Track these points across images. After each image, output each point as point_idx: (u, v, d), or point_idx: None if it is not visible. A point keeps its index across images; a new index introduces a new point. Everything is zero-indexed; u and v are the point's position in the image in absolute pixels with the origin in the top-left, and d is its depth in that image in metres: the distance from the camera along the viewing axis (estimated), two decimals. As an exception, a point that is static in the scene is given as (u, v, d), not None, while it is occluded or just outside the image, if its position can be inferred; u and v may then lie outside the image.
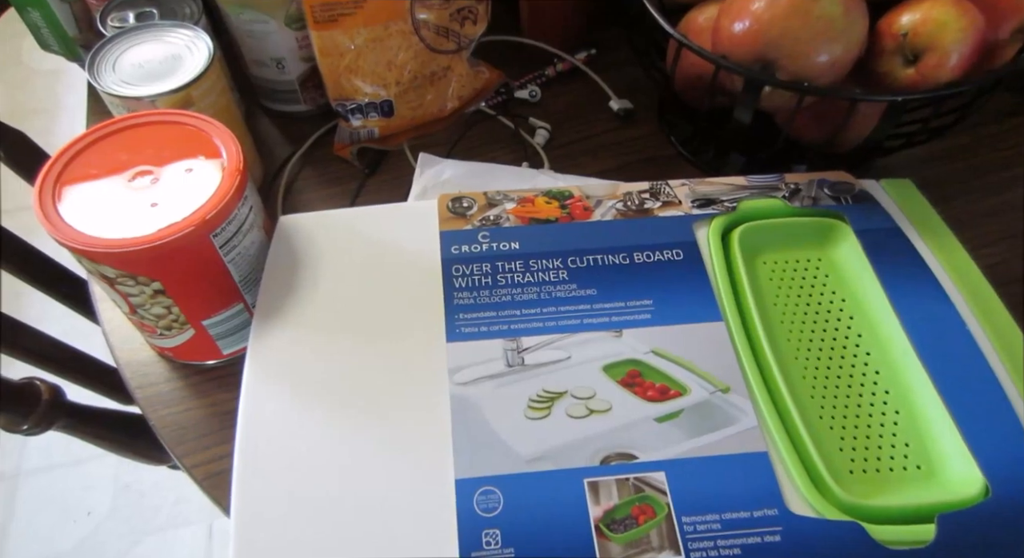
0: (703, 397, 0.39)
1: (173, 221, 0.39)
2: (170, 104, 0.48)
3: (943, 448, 0.37)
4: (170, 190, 0.41)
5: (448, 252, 0.46)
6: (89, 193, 0.40)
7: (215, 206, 0.39)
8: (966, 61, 0.45)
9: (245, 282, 0.45)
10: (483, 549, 0.34)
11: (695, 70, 0.53)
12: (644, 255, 0.45)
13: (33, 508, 1.23)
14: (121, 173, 0.41)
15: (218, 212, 0.40)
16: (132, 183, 0.41)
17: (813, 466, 0.36)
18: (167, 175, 0.41)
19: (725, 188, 0.48)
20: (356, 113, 0.59)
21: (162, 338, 0.46)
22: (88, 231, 0.38)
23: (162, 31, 0.51)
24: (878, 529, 0.34)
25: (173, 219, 0.39)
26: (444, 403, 0.39)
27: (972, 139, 0.62)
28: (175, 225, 0.39)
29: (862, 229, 0.46)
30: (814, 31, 0.45)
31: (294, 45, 0.58)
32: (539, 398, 0.39)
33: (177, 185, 0.41)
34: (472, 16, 0.59)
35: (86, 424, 0.69)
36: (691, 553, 0.33)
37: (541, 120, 0.64)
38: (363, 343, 0.42)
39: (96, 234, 0.38)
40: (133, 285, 0.40)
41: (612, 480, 0.36)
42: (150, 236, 0.38)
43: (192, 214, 0.39)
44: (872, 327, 0.42)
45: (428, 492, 0.36)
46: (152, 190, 0.41)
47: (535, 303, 0.43)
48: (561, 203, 0.48)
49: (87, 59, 0.49)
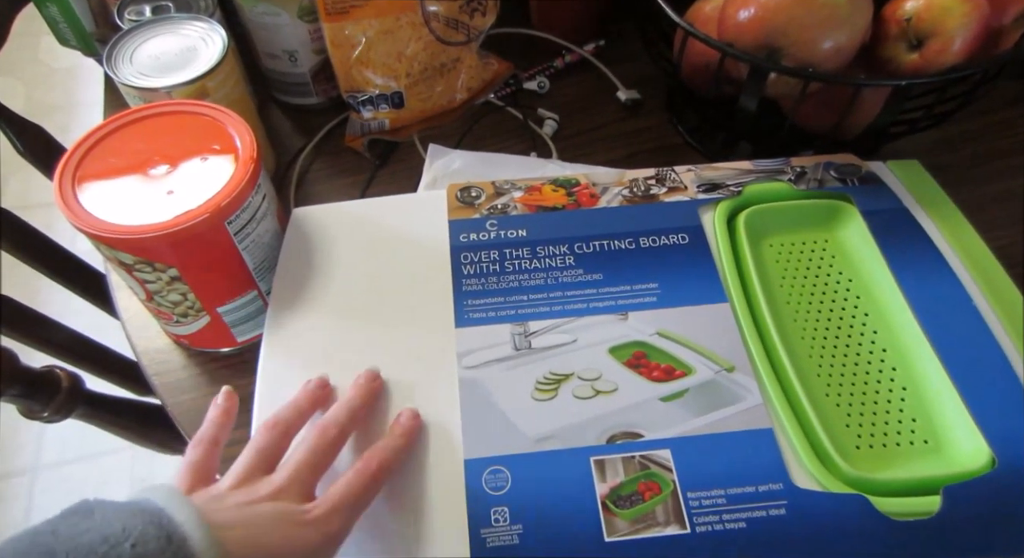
0: (708, 376, 0.39)
1: (189, 208, 0.40)
2: (186, 95, 0.49)
3: (950, 422, 0.38)
4: (186, 178, 0.42)
5: (457, 240, 0.46)
6: (107, 182, 0.41)
7: (230, 193, 0.40)
8: (969, 46, 0.46)
9: (259, 270, 0.46)
10: (492, 526, 0.35)
11: (702, 59, 0.53)
12: (650, 240, 0.45)
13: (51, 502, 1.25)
14: (138, 162, 0.42)
15: (232, 199, 0.40)
16: (149, 172, 0.42)
17: (818, 441, 0.36)
18: (183, 164, 0.42)
19: (731, 173, 0.49)
20: (367, 105, 0.60)
21: (178, 325, 0.47)
22: (106, 218, 0.39)
23: (178, 24, 0.52)
24: (884, 501, 0.34)
25: (189, 206, 0.40)
26: (453, 386, 0.40)
27: (979, 126, 0.62)
28: (191, 212, 0.39)
29: (869, 210, 0.46)
30: (819, 18, 0.46)
31: (306, 37, 0.59)
32: (546, 380, 0.40)
33: (193, 173, 0.42)
34: (481, 8, 0.60)
35: (104, 412, 0.70)
36: (696, 527, 0.34)
37: (550, 111, 0.64)
38: (375, 329, 0.43)
39: (114, 221, 0.39)
40: (150, 271, 0.41)
41: (618, 458, 0.36)
42: (166, 223, 0.39)
43: (207, 201, 0.40)
44: (879, 306, 0.43)
45: (438, 472, 0.37)
46: (168, 178, 0.42)
47: (542, 288, 0.43)
48: (568, 191, 0.49)
49: (104, 52, 0.50)
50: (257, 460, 0.35)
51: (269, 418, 0.37)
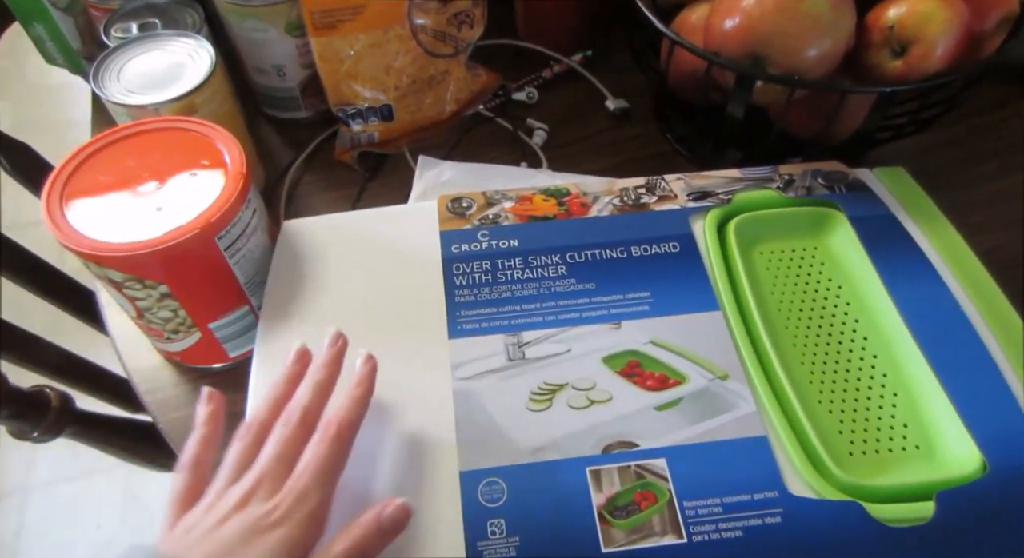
0: (702, 385, 0.39)
1: (178, 224, 0.39)
2: (174, 111, 0.49)
3: (941, 428, 0.38)
4: (175, 194, 0.41)
5: (448, 251, 0.46)
6: (96, 199, 0.41)
7: (219, 209, 0.40)
8: (952, 52, 0.46)
9: (250, 285, 0.45)
10: (489, 538, 0.34)
11: (689, 67, 0.54)
12: (641, 248, 0.46)
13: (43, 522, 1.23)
14: (127, 179, 0.42)
15: (222, 215, 0.40)
16: (138, 188, 0.42)
17: (812, 448, 0.36)
18: (172, 180, 0.42)
19: (720, 181, 0.49)
20: (356, 118, 0.60)
21: (169, 342, 0.46)
22: (95, 236, 0.39)
23: (165, 40, 0.52)
24: (878, 508, 0.34)
25: (178, 222, 0.40)
26: (447, 397, 0.40)
27: (965, 130, 0.63)
28: (180, 228, 0.39)
29: (856, 217, 0.46)
30: (803, 26, 0.46)
31: (294, 52, 0.59)
32: (540, 390, 0.40)
33: (182, 189, 0.42)
34: (469, 20, 0.60)
35: (95, 431, 0.69)
36: (693, 536, 0.34)
37: (539, 121, 0.65)
38: (367, 341, 0.43)
39: (103, 238, 0.39)
40: (140, 288, 0.41)
41: (614, 468, 0.36)
42: (156, 239, 0.39)
43: (197, 217, 0.40)
44: (869, 312, 0.43)
45: (434, 484, 0.37)
46: (157, 195, 0.41)
47: (535, 298, 0.43)
48: (559, 200, 0.49)
49: (91, 69, 0.50)
50: (233, 469, 0.34)
51: (242, 425, 0.36)
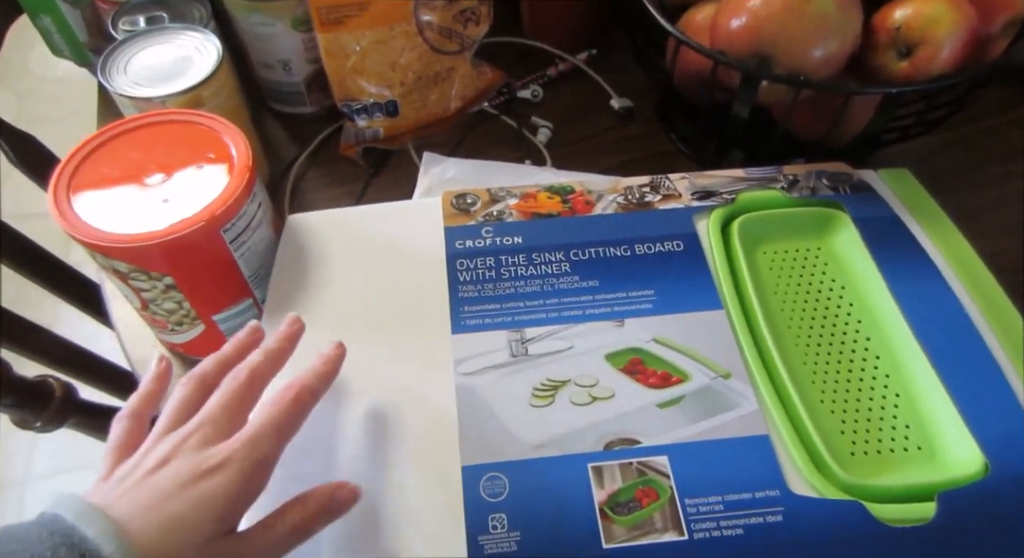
0: (704, 383, 0.39)
1: (184, 217, 0.40)
2: (180, 104, 0.49)
3: (943, 429, 0.38)
4: (181, 187, 0.42)
5: (452, 247, 0.47)
6: (102, 191, 0.41)
7: (225, 202, 0.40)
8: (958, 54, 0.46)
9: (254, 278, 0.46)
10: (490, 533, 0.35)
11: (694, 67, 0.54)
12: (645, 247, 0.46)
13: (43, 513, 1.24)
14: (133, 171, 0.42)
15: (228, 208, 0.40)
16: (144, 181, 0.42)
17: (814, 448, 0.37)
18: (178, 173, 0.42)
19: (724, 180, 0.49)
20: (361, 114, 0.60)
21: (173, 334, 0.47)
22: (101, 227, 0.39)
23: (172, 34, 0.53)
24: (879, 508, 0.34)
25: (184, 215, 0.40)
26: (450, 393, 0.40)
27: (971, 133, 0.63)
28: (186, 220, 0.39)
29: (860, 218, 0.46)
30: (809, 27, 0.46)
31: (300, 47, 0.59)
32: (543, 387, 0.40)
33: (188, 182, 0.42)
34: (475, 17, 0.60)
35: (97, 421, 0.69)
36: (694, 534, 0.34)
37: (543, 119, 0.65)
38: (371, 336, 0.43)
39: (109, 230, 0.39)
40: (145, 280, 0.41)
41: (615, 465, 0.36)
42: (162, 231, 0.39)
43: (203, 210, 0.40)
44: (872, 313, 0.43)
45: (436, 478, 0.37)
46: (163, 187, 0.42)
47: (538, 295, 0.44)
48: (563, 198, 0.49)
49: (99, 62, 0.50)
50: (174, 417, 0.34)
51: (185, 375, 0.36)
